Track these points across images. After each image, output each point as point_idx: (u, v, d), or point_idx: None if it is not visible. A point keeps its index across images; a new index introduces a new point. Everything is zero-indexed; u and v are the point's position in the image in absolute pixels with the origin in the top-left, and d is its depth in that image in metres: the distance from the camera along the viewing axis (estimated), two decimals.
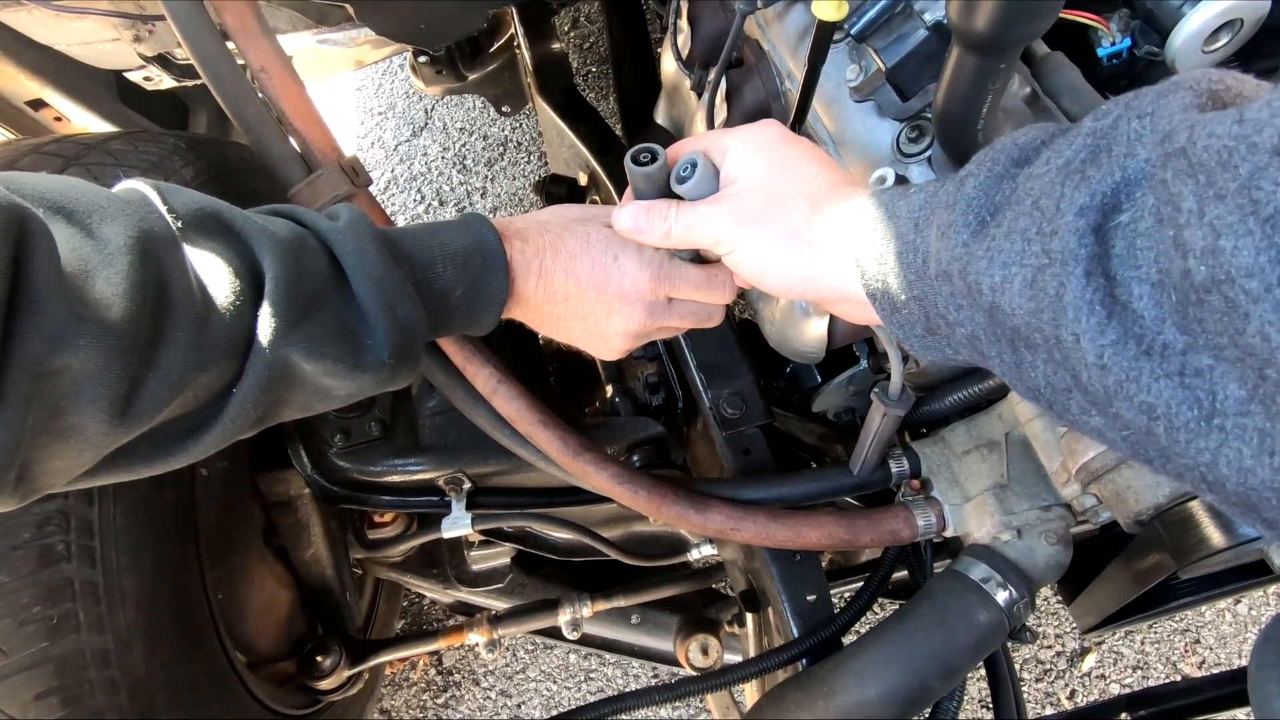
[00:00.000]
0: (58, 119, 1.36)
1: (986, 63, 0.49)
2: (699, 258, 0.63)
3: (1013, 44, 0.47)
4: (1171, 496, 0.58)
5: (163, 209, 0.45)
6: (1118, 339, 0.30)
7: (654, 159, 0.57)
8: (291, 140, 0.75)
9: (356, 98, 2.50)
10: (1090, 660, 1.60)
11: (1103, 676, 1.60)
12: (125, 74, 1.29)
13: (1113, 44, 0.61)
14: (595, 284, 0.61)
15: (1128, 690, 1.56)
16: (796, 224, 0.51)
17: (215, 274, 0.45)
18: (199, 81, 0.73)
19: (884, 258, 0.45)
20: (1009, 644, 0.75)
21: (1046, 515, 0.70)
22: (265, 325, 0.46)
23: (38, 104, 1.31)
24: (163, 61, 1.19)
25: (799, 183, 0.53)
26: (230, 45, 0.73)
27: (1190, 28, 0.56)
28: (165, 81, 1.25)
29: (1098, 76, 0.63)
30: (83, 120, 1.35)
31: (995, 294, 0.36)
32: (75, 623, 0.64)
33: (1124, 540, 0.70)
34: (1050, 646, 1.62)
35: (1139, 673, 1.60)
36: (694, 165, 0.56)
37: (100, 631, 0.66)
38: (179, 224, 0.45)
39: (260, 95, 0.73)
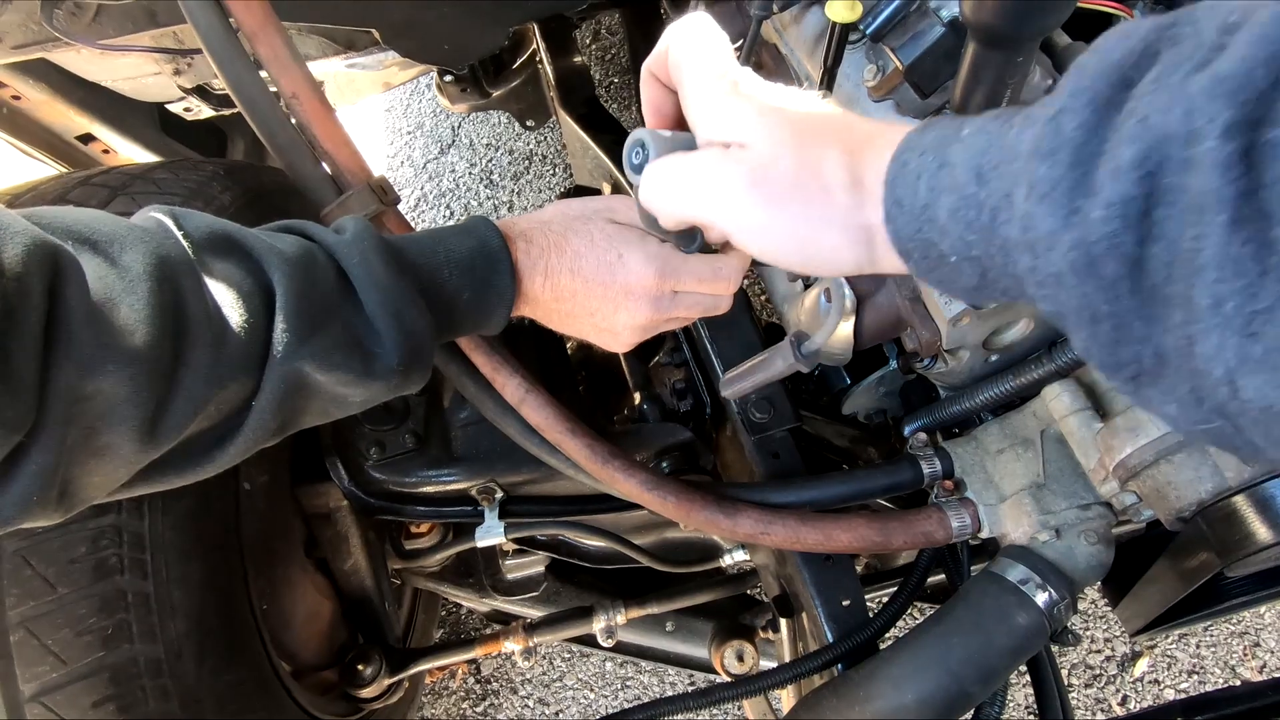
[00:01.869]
0: (106, 151, 1.42)
1: (1003, 57, 0.49)
2: (706, 248, 0.63)
3: (1029, 37, 0.47)
4: (1214, 491, 0.56)
5: (178, 234, 0.47)
6: (1273, 304, 0.24)
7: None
8: (323, 163, 0.77)
9: (386, 118, 2.56)
10: (1142, 665, 1.55)
11: (1156, 682, 1.54)
12: (167, 105, 1.35)
13: None
14: (601, 281, 0.62)
15: (1183, 696, 1.50)
16: (842, 205, 0.42)
17: (229, 293, 0.47)
18: (235, 110, 0.76)
19: (929, 214, 0.37)
20: (1053, 647, 0.73)
21: (1086, 514, 0.69)
22: (278, 340, 0.48)
23: (87, 138, 1.38)
24: (201, 92, 1.24)
25: (829, 135, 0.43)
26: (263, 74, 0.76)
27: None
28: (204, 111, 1.30)
29: None
30: (129, 151, 1.42)
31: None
32: (129, 633, 0.67)
33: (1171, 539, 0.68)
34: (1099, 651, 1.57)
35: (1195, 677, 1.54)
36: (643, 146, 0.48)
37: (152, 641, 0.69)
38: (193, 247, 0.47)
39: (292, 121, 0.76)
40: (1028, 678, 0.77)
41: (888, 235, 0.40)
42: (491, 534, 0.98)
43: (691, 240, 0.60)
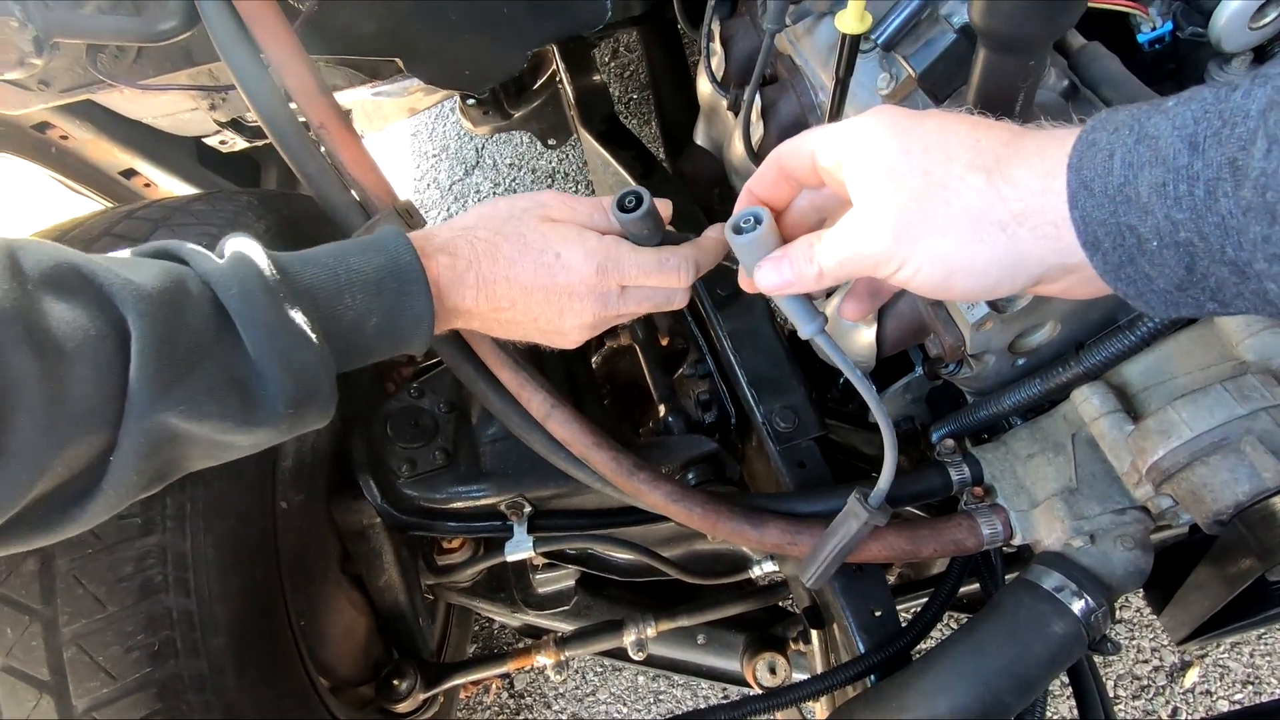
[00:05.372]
0: (147, 185, 1.48)
1: (1015, 61, 0.49)
2: (664, 241, 0.59)
3: (1038, 41, 0.47)
4: (1251, 493, 0.54)
5: (9, 274, 0.41)
6: None
7: (639, 203, 0.54)
8: (351, 189, 0.80)
9: (412, 142, 2.62)
10: (1193, 675, 1.49)
11: (1208, 693, 1.49)
12: (203, 139, 1.40)
13: (1153, 29, 0.60)
14: (540, 285, 0.58)
15: (1237, 707, 1.44)
16: (974, 206, 0.41)
17: (71, 340, 0.41)
18: (268, 141, 0.79)
19: (1128, 193, 0.35)
20: (1094, 657, 0.71)
21: (1121, 519, 0.67)
22: (135, 389, 0.43)
23: (129, 173, 1.44)
24: (235, 125, 1.29)
25: (957, 155, 0.42)
26: (293, 106, 0.79)
27: (1234, 4, 0.54)
28: (238, 143, 1.36)
29: (1139, 63, 0.61)
30: (168, 185, 1.47)
31: None
32: (174, 649, 0.69)
33: (1213, 543, 0.66)
34: (1146, 661, 1.52)
35: (1250, 688, 1.48)
36: (758, 221, 0.50)
37: (196, 657, 0.71)
38: (27, 287, 0.41)
39: (321, 149, 0.79)
40: (1071, 689, 0.75)
41: (1073, 224, 0.37)
42: (520, 548, 0.99)
43: (658, 233, 0.57)
